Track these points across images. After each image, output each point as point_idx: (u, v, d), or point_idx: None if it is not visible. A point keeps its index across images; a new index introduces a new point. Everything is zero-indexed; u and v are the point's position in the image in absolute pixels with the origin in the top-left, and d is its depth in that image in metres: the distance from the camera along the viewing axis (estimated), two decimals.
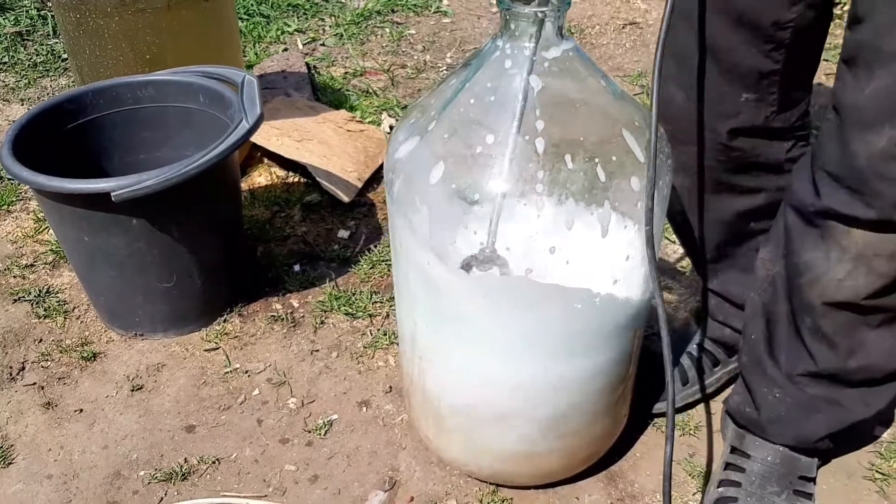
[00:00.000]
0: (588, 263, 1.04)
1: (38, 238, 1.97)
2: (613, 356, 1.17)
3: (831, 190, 1.06)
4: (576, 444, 1.27)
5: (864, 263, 1.07)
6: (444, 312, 1.14)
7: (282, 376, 1.60)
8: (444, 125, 1.06)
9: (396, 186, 1.10)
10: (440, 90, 1.09)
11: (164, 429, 1.50)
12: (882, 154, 0.98)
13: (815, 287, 1.13)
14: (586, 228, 1.02)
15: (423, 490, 1.38)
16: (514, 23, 1.01)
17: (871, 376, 1.19)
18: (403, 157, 1.09)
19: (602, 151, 1.02)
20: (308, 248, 1.92)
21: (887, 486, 1.35)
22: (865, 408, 1.23)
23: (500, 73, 1.02)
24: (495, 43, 1.04)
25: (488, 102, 1.03)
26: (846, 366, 1.18)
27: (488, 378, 1.17)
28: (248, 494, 1.38)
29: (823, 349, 1.18)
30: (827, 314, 1.14)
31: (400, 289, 1.22)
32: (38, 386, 1.59)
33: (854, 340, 1.15)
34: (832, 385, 1.21)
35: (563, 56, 1.01)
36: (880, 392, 1.22)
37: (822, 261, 1.11)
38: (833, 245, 1.09)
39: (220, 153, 1.46)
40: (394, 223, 1.15)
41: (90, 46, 1.86)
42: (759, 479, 1.29)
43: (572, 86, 1.03)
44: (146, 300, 1.63)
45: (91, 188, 1.42)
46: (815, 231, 1.12)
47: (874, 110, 0.98)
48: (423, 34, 2.97)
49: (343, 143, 2.19)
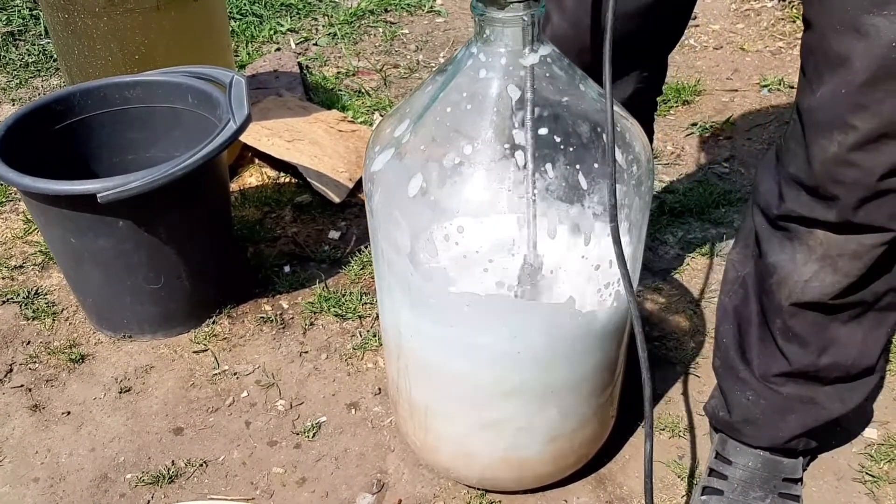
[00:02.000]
0: (572, 272, 1.03)
1: (27, 239, 1.96)
2: (600, 361, 1.17)
3: (794, 194, 1.06)
4: (564, 449, 1.26)
5: (830, 264, 1.07)
6: (428, 324, 1.13)
7: (270, 378, 1.59)
8: (421, 135, 1.04)
9: (375, 200, 1.09)
10: (415, 98, 1.07)
11: (152, 431, 1.49)
12: (835, 159, 0.98)
13: (783, 288, 1.13)
14: (569, 237, 1.01)
15: (411, 493, 1.37)
16: (488, 28, 0.98)
17: (845, 372, 1.19)
18: (380, 170, 1.07)
19: (582, 158, 1.00)
20: (298, 249, 1.91)
21: (877, 488, 1.35)
22: (841, 405, 1.23)
23: (475, 81, 1.00)
24: (469, 50, 1.01)
25: (464, 112, 1.01)
26: (819, 363, 1.18)
27: (475, 387, 1.16)
28: (235, 497, 1.37)
29: (795, 348, 1.18)
30: (796, 314, 1.15)
31: (383, 299, 1.21)
32: (25, 388, 1.58)
33: (825, 338, 1.16)
34: (806, 384, 1.22)
35: (541, 62, 0.99)
36: (855, 388, 1.22)
37: (788, 262, 1.11)
38: (799, 247, 1.09)
39: (206, 154, 1.45)
40: (375, 235, 1.14)
41: (79, 47, 1.85)
42: (742, 486, 1.29)
43: (551, 92, 1.01)
44: (134, 301, 1.62)
45: (77, 189, 1.41)
46: (780, 233, 1.12)
47: (825, 114, 0.98)
48: (416, 34, 2.96)
49: (334, 143, 2.18)
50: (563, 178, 0.99)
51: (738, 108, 2.41)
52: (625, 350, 1.23)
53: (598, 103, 1.04)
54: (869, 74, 0.92)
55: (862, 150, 0.96)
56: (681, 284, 1.77)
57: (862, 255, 1.05)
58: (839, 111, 0.96)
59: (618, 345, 1.19)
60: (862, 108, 0.94)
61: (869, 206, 1.00)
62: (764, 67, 2.62)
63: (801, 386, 1.22)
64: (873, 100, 0.93)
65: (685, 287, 1.76)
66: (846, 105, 0.95)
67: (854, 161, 0.97)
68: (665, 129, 2.32)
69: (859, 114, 0.94)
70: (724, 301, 1.28)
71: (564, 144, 1.00)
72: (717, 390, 1.34)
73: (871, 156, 0.96)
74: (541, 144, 0.99)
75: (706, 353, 1.60)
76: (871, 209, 1.00)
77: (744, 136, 2.27)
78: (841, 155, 0.97)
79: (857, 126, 0.95)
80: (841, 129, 0.96)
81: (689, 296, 1.74)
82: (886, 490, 1.34)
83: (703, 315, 1.69)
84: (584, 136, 1.01)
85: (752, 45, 2.76)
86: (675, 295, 1.74)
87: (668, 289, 1.76)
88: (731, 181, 2.09)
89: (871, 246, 1.04)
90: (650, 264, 1.82)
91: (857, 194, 0.99)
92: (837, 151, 0.97)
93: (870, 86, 0.92)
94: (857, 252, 1.05)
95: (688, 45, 2.79)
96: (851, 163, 0.97)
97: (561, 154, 1.00)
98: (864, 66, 0.92)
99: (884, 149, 0.95)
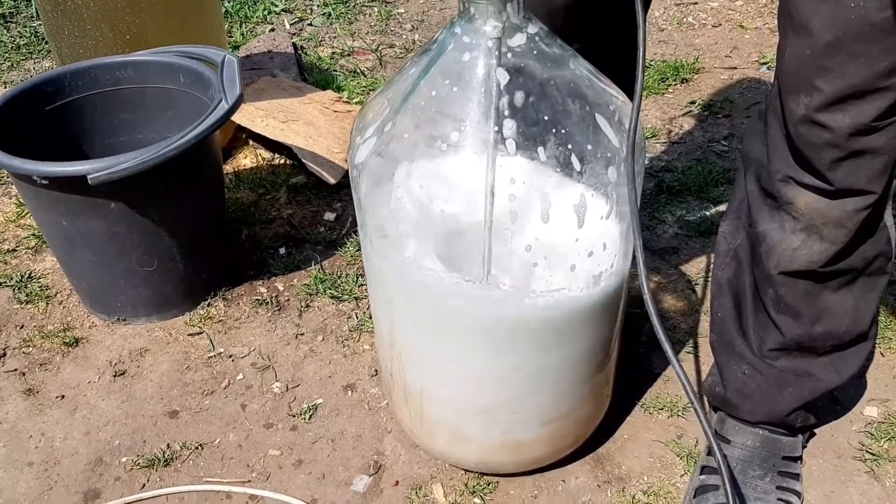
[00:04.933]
0: (565, 256, 1.01)
1: (19, 223, 1.94)
2: (594, 342, 1.15)
3: (780, 155, 1.08)
4: (561, 430, 1.25)
5: (816, 232, 1.08)
6: (420, 312, 1.11)
7: (266, 360, 1.58)
8: (405, 122, 1.01)
9: (362, 190, 1.07)
10: (397, 83, 1.04)
11: (147, 414, 1.48)
12: (803, 120, 1.00)
13: (772, 257, 1.14)
14: (562, 220, 0.99)
15: (408, 474, 1.36)
16: (473, 7, 0.94)
17: (839, 340, 1.20)
18: (364, 159, 1.04)
19: (575, 139, 0.98)
20: (293, 231, 1.89)
21: (877, 466, 1.34)
22: (837, 375, 1.23)
23: (460, 64, 0.96)
24: (452, 30, 0.97)
25: (450, 96, 0.97)
26: (812, 332, 1.18)
27: (469, 373, 1.15)
28: (231, 480, 1.36)
29: (788, 319, 1.18)
30: (786, 283, 1.15)
31: (374, 287, 1.19)
32: (19, 372, 1.57)
33: (817, 307, 1.16)
34: (801, 356, 1.22)
35: (529, 42, 0.96)
36: (849, 357, 1.23)
37: (777, 231, 1.12)
38: (786, 216, 1.10)
39: (197, 134, 1.43)
40: (364, 224, 1.11)
41: (69, 27, 1.83)
42: (741, 465, 1.28)
43: (541, 72, 0.97)
44: (127, 284, 1.60)
45: (67, 171, 1.39)
46: (770, 201, 1.13)
47: (793, 77, 0.99)
48: (412, 13, 2.93)
49: (329, 123, 2.16)
50: (556, 161, 0.97)
51: (736, 86, 2.39)
52: (619, 329, 1.22)
53: (589, 80, 1.01)
54: (831, 37, 0.93)
55: (827, 111, 0.97)
56: (679, 263, 1.76)
57: (845, 221, 1.06)
58: (804, 73, 0.97)
59: (612, 324, 1.17)
60: (826, 70, 0.95)
61: (844, 167, 1.01)
62: (763, 45, 2.59)
63: (796, 359, 1.22)
64: (836, 62, 0.94)
65: (684, 266, 1.75)
66: (810, 67, 0.96)
67: (821, 122, 0.98)
68: (663, 108, 2.30)
69: (823, 76, 0.96)
70: (717, 275, 1.27)
71: (555, 126, 0.97)
72: (714, 367, 1.34)
73: (837, 116, 0.97)
74: (530, 126, 0.96)
75: (704, 332, 1.58)
76: (848, 171, 1.02)
77: (743, 114, 2.25)
78: (809, 116, 0.99)
79: (822, 88, 0.96)
80: (807, 91, 0.98)
81: (687, 275, 1.73)
82: (886, 468, 1.34)
83: (702, 294, 1.68)
84: (575, 115, 0.98)
85: (750, 23, 2.73)
86: (674, 274, 1.73)
87: (666, 268, 1.75)
88: (730, 159, 2.07)
89: (854, 211, 1.05)
90: (648, 243, 1.81)
91: (830, 155, 1.01)
92: (805, 113, 0.99)
93: (833, 48, 0.93)
94: (840, 219, 1.06)
95: (686, 22, 2.76)
96: (819, 123, 0.99)
97: (552, 136, 0.97)
98: (827, 29, 0.93)
99: (849, 110, 0.96)
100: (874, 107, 0.96)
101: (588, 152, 0.98)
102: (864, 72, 0.93)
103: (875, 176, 1.02)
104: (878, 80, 0.94)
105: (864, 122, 0.97)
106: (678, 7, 2.85)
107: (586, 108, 0.99)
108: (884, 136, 0.98)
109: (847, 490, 1.31)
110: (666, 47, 2.62)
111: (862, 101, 0.95)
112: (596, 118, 0.99)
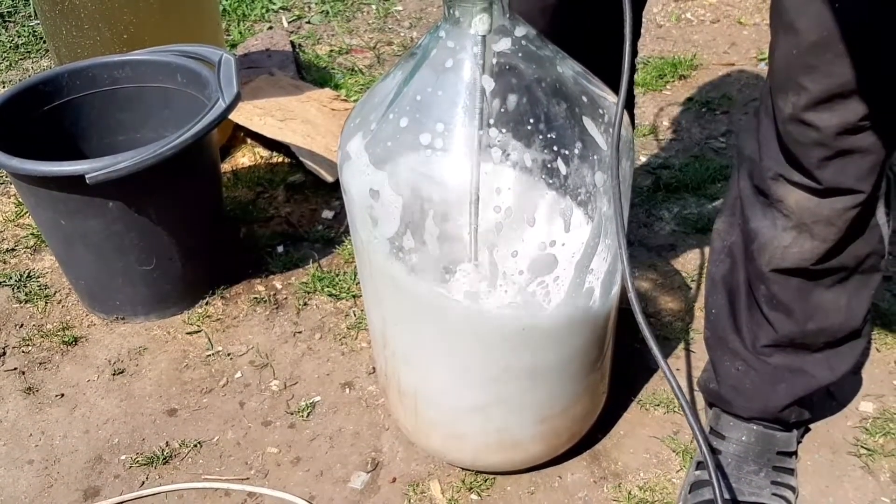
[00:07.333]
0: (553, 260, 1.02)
1: (18, 222, 1.95)
2: (588, 340, 1.16)
3: (771, 152, 1.08)
4: (557, 427, 1.26)
5: (806, 230, 1.09)
6: (411, 312, 1.11)
7: (264, 358, 1.58)
8: (393, 125, 1.00)
9: (352, 191, 1.07)
10: (382, 87, 1.04)
11: (146, 413, 1.49)
12: (791, 119, 1.00)
13: (764, 254, 1.14)
14: (549, 223, 0.99)
15: (405, 471, 1.37)
16: (457, 10, 0.93)
17: (832, 337, 1.20)
18: (353, 161, 1.05)
19: (562, 143, 0.98)
20: (291, 229, 1.90)
21: (872, 461, 1.35)
22: (830, 372, 1.24)
23: (444, 69, 0.96)
24: (437, 34, 0.97)
25: (435, 100, 0.97)
26: (805, 329, 1.18)
27: (463, 372, 1.15)
28: (229, 477, 1.37)
29: (781, 316, 1.19)
30: (778, 281, 1.15)
31: (366, 286, 1.19)
32: (18, 371, 1.58)
33: (810, 304, 1.16)
34: (794, 352, 1.22)
35: (515, 45, 0.96)
36: (842, 353, 1.23)
37: (769, 228, 1.13)
38: (777, 214, 1.11)
39: (195, 133, 1.44)
40: (354, 224, 1.11)
41: (67, 27, 1.83)
42: (736, 460, 1.29)
43: (527, 76, 0.97)
44: (126, 283, 1.61)
45: (65, 171, 1.40)
46: (762, 199, 1.13)
47: (781, 75, 1.00)
48: (410, 10, 2.93)
49: (327, 121, 2.16)
50: (542, 165, 0.97)
51: (735, 83, 2.39)
52: (612, 327, 1.22)
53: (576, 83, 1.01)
54: (817, 36, 0.93)
55: (814, 110, 0.98)
56: (676, 260, 1.76)
57: (835, 219, 1.06)
58: (792, 72, 0.98)
59: (605, 323, 1.18)
60: (812, 69, 0.95)
61: (832, 166, 1.02)
62: (761, 41, 2.59)
63: (790, 355, 1.22)
64: (823, 61, 0.94)
65: (680, 263, 1.75)
66: (798, 66, 0.96)
67: (808, 121, 0.99)
68: (661, 104, 2.30)
69: (810, 75, 0.96)
70: (711, 272, 1.28)
71: (542, 131, 0.97)
72: (709, 363, 1.34)
73: (824, 115, 0.98)
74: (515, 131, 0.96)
75: (701, 329, 1.58)
76: (836, 170, 1.02)
77: (741, 111, 2.25)
78: (796, 115, 0.99)
79: (808, 87, 0.97)
80: (794, 90, 0.98)
81: (684, 272, 1.73)
82: (881, 463, 1.34)
83: (699, 291, 1.68)
84: (561, 119, 0.98)
85: (749, 19, 2.73)
86: (671, 271, 1.74)
87: (662, 265, 1.75)
88: (728, 156, 2.07)
89: (843, 209, 1.05)
90: (645, 240, 1.81)
91: (817, 154, 1.01)
92: (793, 112, 1.00)
93: (819, 47, 0.94)
94: (830, 217, 1.06)
95: (685, 18, 2.76)
96: (807, 122, 0.99)
97: (540, 141, 0.97)
98: (813, 28, 0.93)
99: (837, 109, 0.97)
100: (861, 106, 0.96)
101: (575, 156, 0.98)
102: (851, 71, 0.94)
103: (863, 175, 1.02)
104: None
105: (851, 122, 0.97)
106: (676, 3, 2.85)
107: (574, 111, 0.99)
108: (871, 136, 0.99)
109: (842, 485, 1.32)
110: (664, 44, 2.62)
111: (849, 100, 0.96)
112: (583, 121, 1.00)
